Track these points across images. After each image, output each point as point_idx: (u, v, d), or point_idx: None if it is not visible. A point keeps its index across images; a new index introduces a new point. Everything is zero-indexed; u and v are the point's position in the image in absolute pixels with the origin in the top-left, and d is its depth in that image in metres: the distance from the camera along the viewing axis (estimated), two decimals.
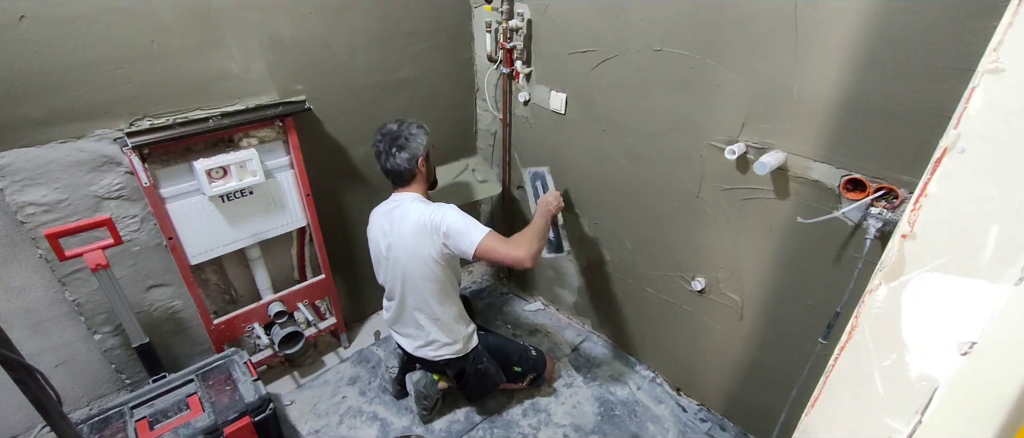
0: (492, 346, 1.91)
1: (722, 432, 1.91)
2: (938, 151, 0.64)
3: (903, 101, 1.13)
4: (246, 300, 2.00)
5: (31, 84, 1.34)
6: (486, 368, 1.86)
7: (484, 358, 1.86)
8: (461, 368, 1.83)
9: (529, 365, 1.97)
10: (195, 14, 1.50)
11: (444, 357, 1.78)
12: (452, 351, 1.78)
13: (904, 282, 0.71)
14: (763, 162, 1.32)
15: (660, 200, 1.77)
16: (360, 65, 1.89)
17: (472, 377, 1.85)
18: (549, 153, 2.11)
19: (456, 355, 1.79)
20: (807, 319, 1.50)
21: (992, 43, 0.58)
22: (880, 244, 1.25)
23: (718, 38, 1.40)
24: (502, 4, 1.90)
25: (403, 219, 1.64)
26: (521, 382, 1.99)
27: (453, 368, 1.82)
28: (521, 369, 1.95)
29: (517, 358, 1.95)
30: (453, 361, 1.80)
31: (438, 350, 1.78)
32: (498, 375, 1.90)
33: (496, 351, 1.91)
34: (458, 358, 1.80)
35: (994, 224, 0.61)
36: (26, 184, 1.43)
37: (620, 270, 2.06)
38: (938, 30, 1.04)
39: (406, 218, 1.64)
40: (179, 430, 1.45)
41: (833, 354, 0.83)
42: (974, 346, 0.66)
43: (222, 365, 1.69)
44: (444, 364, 1.81)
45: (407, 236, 1.63)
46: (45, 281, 1.58)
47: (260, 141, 1.74)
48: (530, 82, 2.04)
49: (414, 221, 1.61)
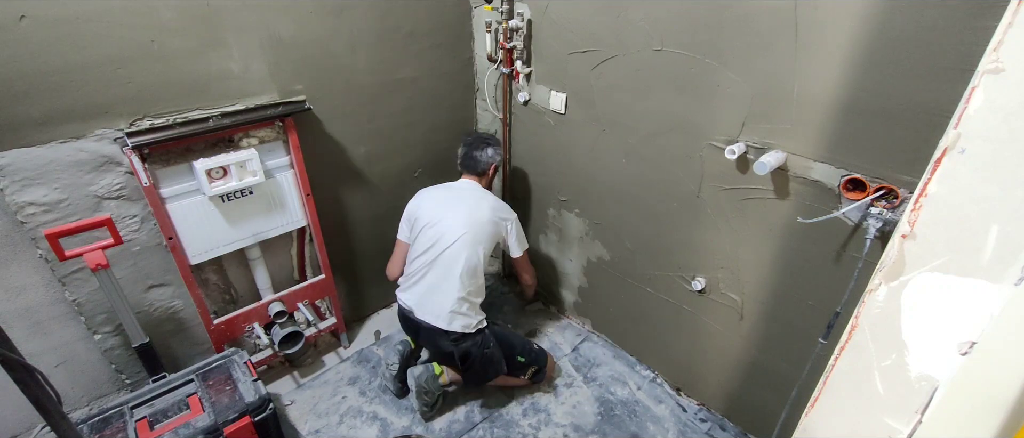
0: (498, 334, 1.96)
1: (722, 432, 1.91)
2: (938, 151, 0.64)
3: (903, 101, 1.13)
4: (246, 300, 2.00)
5: (31, 84, 1.34)
6: (492, 353, 1.89)
7: (491, 343, 1.89)
8: (468, 350, 1.84)
9: (532, 357, 1.99)
10: (195, 14, 1.50)
11: (455, 330, 1.81)
12: (463, 325, 1.82)
13: (904, 282, 0.71)
14: (763, 162, 1.32)
15: (660, 200, 1.77)
16: (360, 65, 1.89)
17: (478, 360, 1.87)
18: (549, 153, 2.11)
19: (467, 330, 1.83)
20: (807, 319, 1.50)
21: (992, 43, 0.58)
22: (880, 244, 1.25)
23: (718, 38, 1.40)
24: (502, 4, 1.90)
25: (479, 199, 1.91)
26: (523, 375, 1.99)
27: (460, 347, 1.83)
28: (524, 359, 1.97)
29: (521, 348, 1.98)
30: (463, 337, 1.82)
31: (452, 322, 1.81)
32: (501, 363, 1.92)
33: (501, 339, 1.95)
34: (468, 335, 1.84)
35: (994, 224, 0.61)
36: (26, 184, 1.43)
37: (620, 270, 2.06)
38: (938, 30, 1.04)
39: (483, 200, 1.91)
40: (179, 430, 1.45)
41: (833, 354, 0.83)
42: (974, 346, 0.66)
43: (222, 365, 1.69)
44: (453, 341, 1.82)
45: (480, 216, 1.86)
46: (45, 281, 1.58)
47: (260, 141, 1.74)
48: (530, 82, 2.04)
49: (492, 209, 1.90)
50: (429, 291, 1.85)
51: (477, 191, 1.94)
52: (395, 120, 2.09)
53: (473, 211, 1.86)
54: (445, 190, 1.95)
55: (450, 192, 1.94)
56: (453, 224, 1.82)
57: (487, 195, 1.94)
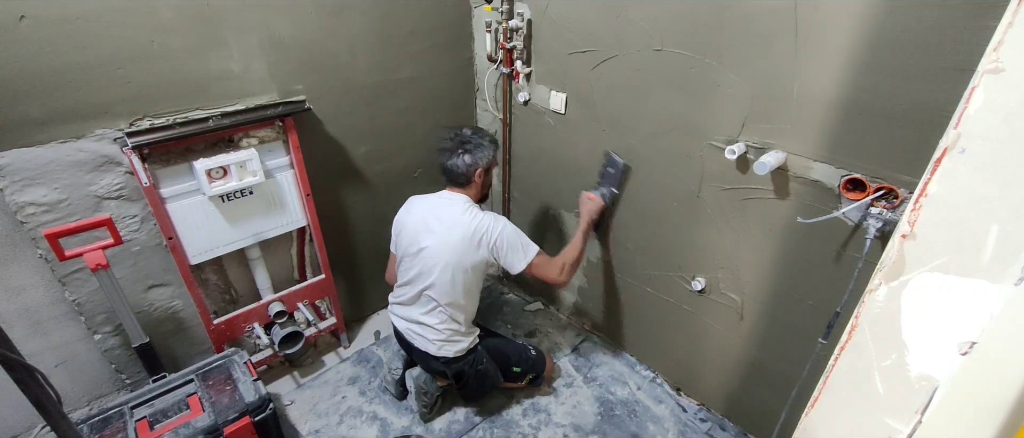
0: (491, 346, 1.91)
1: (722, 432, 1.91)
2: (938, 151, 0.64)
3: (903, 101, 1.13)
4: (246, 300, 2.00)
5: (31, 84, 1.34)
6: (485, 370, 1.86)
7: (483, 359, 1.86)
8: (460, 369, 1.83)
9: (528, 365, 1.97)
10: (195, 14, 1.50)
11: (445, 355, 1.78)
12: (454, 351, 1.78)
13: (904, 282, 0.71)
14: (763, 162, 1.32)
15: (660, 200, 1.76)
16: (360, 65, 1.89)
17: (471, 378, 1.85)
18: (549, 153, 2.11)
19: (456, 355, 1.79)
20: (807, 319, 1.50)
21: (992, 43, 0.58)
22: (880, 244, 1.25)
23: (718, 38, 1.40)
24: (502, 4, 1.90)
25: (452, 223, 1.66)
26: (521, 381, 1.99)
27: (452, 368, 1.82)
28: (520, 369, 1.95)
29: (516, 358, 1.95)
30: (452, 361, 1.80)
31: (441, 349, 1.77)
32: (497, 376, 1.91)
33: (495, 351, 1.91)
34: (457, 358, 1.80)
35: (994, 224, 0.61)
36: (26, 184, 1.43)
37: (620, 270, 2.06)
38: (938, 30, 1.04)
39: (456, 224, 1.66)
40: (179, 430, 1.45)
41: (833, 354, 0.83)
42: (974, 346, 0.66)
43: (222, 365, 1.69)
44: (444, 363, 1.80)
45: (454, 243, 1.65)
46: (45, 281, 1.58)
47: (260, 141, 1.74)
48: (530, 82, 2.04)
49: (464, 229, 1.65)
50: (414, 322, 1.78)
51: (456, 207, 1.69)
52: (395, 120, 2.09)
53: (449, 237, 1.65)
54: (427, 207, 1.75)
55: (430, 210, 1.73)
56: (431, 254, 1.67)
57: (467, 211, 1.68)
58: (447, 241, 1.66)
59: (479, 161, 1.70)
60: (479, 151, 1.70)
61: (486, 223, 1.66)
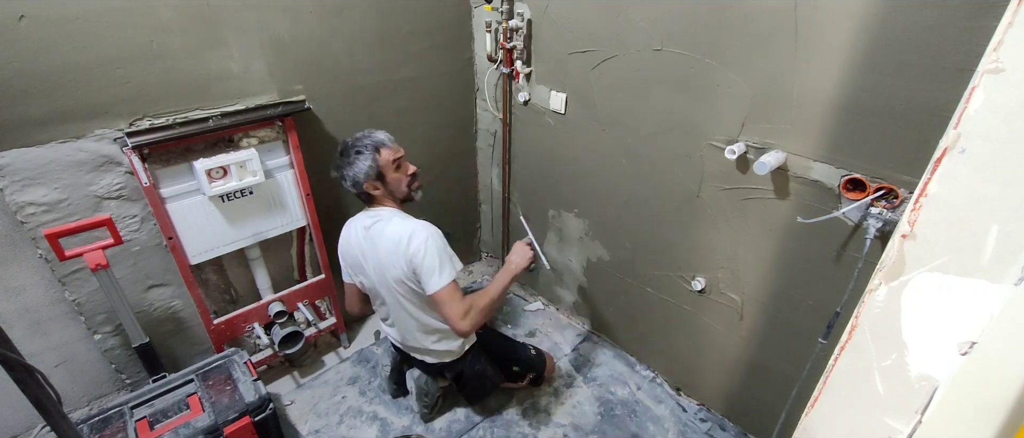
0: (490, 346, 1.91)
1: (722, 432, 1.91)
2: (938, 151, 0.64)
3: (903, 101, 1.13)
4: (246, 300, 2.00)
5: (31, 84, 1.34)
6: (483, 370, 1.85)
7: (482, 359, 1.85)
8: (459, 370, 1.82)
9: (528, 365, 1.96)
10: (195, 14, 1.50)
11: (442, 361, 1.78)
12: (448, 356, 1.77)
13: (904, 282, 0.71)
14: (763, 162, 1.32)
15: (660, 200, 1.76)
16: (360, 65, 1.89)
17: (470, 379, 1.85)
18: (549, 153, 2.11)
19: (452, 358, 1.78)
20: (807, 319, 1.50)
21: (992, 43, 0.58)
22: (880, 244, 1.25)
23: (718, 38, 1.40)
24: (502, 4, 1.90)
25: (380, 237, 1.54)
26: (521, 381, 1.99)
27: (451, 370, 1.82)
28: (520, 369, 1.95)
29: (515, 358, 1.95)
30: (450, 364, 1.80)
31: (434, 357, 1.77)
32: (496, 376, 1.90)
33: (495, 351, 1.91)
34: (454, 361, 1.80)
35: (994, 224, 0.61)
36: (26, 184, 1.43)
37: (620, 270, 2.06)
38: (938, 30, 1.04)
39: (382, 237, 1.53)
40: (179, 430, 1.45)
41: (833, 354, 0.83)
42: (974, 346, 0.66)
43: (222, 365, 1.69)
44: (441, 366, 1.80)
45: (382, 257, 1.54)
46: (45, 281, 1.58)
47: (260, 141, 1.74)
48: (530, 82, 2.04)
49: (388, 241, 1.52)
50: (403, 334, 1.74)
51: (381, 220, 1.56)
52: (395, 120, 2.08)
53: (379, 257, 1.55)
54: (356, 229, 1.64)
55: (362, 230, 1.60)
56: (374, 281, 1.61)
57: (391, 221, 1.54)
58: (379, 262, 1.55)
59: (358, 178, 1.53)
60: (353, 168, 1.53)
61: (411, 233, 1.48)
